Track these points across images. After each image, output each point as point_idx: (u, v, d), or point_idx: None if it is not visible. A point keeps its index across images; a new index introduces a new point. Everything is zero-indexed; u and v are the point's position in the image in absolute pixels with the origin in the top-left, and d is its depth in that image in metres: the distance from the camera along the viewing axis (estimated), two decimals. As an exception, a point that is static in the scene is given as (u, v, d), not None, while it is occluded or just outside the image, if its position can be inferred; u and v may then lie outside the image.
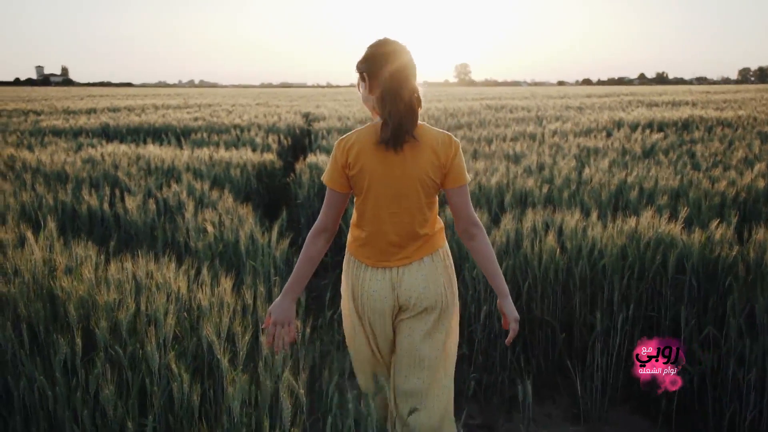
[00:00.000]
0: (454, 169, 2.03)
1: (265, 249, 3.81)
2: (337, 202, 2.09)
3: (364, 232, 2.11)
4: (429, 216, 2.10)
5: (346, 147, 2.03)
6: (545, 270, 3.47)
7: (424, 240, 2.10)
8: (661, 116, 10.57)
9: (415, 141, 1.99)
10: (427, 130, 2.04)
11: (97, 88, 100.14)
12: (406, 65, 2.01)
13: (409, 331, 2.14)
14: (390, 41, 2.06)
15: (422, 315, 2.13)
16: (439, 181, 2.04)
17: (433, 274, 2.11)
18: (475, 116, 12.19)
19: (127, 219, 4.15)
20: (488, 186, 5.02)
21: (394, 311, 2.14)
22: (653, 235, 3.43)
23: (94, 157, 6.02)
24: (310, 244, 2.12)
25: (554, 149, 7.05)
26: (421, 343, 2.14)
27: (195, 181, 5.14)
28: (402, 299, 2.10)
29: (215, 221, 4.08)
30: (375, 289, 2.11)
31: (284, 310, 2.09)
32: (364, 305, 2.14)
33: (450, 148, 2.02)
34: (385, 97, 1.97)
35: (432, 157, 2.00)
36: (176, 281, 2.61)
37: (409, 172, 2.00)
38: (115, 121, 10.74)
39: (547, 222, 3.97)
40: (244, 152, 6.77)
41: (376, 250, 2.10)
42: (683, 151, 6.80)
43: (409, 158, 2.00)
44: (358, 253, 2.15)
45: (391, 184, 2.01)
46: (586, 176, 5.29)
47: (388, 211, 2.04)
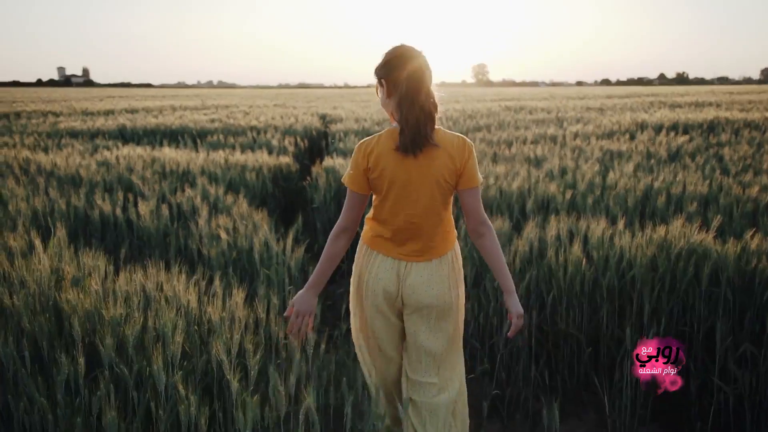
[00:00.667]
0: (467, 172, 2.12)
1: (280, 257, 3.70)
2: (358, 203, 2.20)
3: (380, 226, 2.21)
4: (444, 216, 2.19)
5: (367, 151, 2.12)
6: (571, 281, 3.32)
7: (437, 240, 2.19)
8: (685, 118, 10.32)
9: (433, 146, 2.08)
10: (442, 133, 2.13)
11: (117, 88, 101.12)
12: (421, 70, 2.07)
13: (414, 327, 2.25)
14: (406, 47, 2.12)
15: (423, 312, 2.22)
16: (454, 183, 2.13)
17: (438, 276, 2.19)
18: (494, 118, 12.02)
19: (139, 225, 4.06)
20: (509, 191, 4.88)
21: (397, 302, 2.23)
22: (685, 245, 3.27)
23: (109, 160, 5.95)
24: (331, 243, 2.24)
25: (576, 152, 6.87)
26: (425, 340, 2.25)
27: (210, 186, 5.05)
28: (405, 294, 2.20)
29: (229, 227, 3.98)
30: (381, 276, 2.20)
31: (306, 303, 2.23)
32: (368, 292, 2.24)
33: (464, 151, 2.12)
34: (402, 103, 2.05)
35: (447, 160, 2.09)
36: (186, 293, 2.50)
37: (427, 175, 2.09)
38: (133, 123, 10.72)
39: (571, 230, 3.82)
40: (260, 155, 6.68)
41: (390, 244, 2.20)
42: (710, 154, 6.59)
43: (427, 162, 2.08)
44: (372, 243, 2.24)
45: (409, 186, 2.10)
46: (610, 181, 5.12)
47: (404, 211, 2.14)
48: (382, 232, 2.21)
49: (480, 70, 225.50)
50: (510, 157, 6.73)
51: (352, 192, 2.19)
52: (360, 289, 2.30)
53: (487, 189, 4.91)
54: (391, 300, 2.23)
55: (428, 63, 2.12)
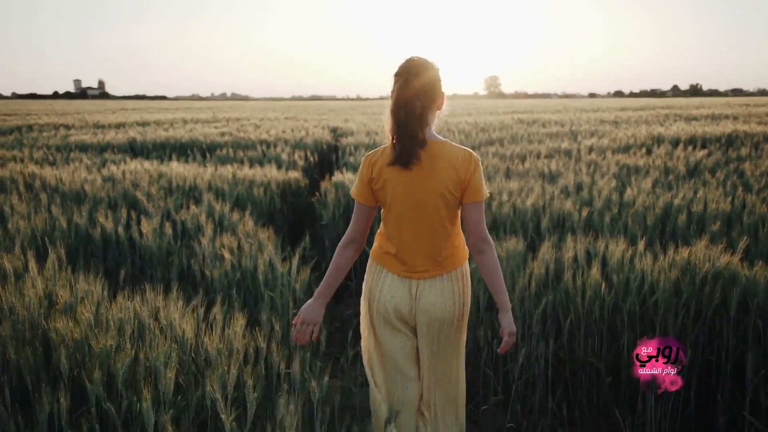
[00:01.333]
0: (472, 185, 2.11)
1: (285, 278, 3.56)
2: (365, 214, 2.23)
3: (389, 241, 2.21)
4: (450, 230, 2.18)
5: (371, 162, 2.16)
6: (589, 306, 3.15)
7: (446, 255, 2.19)
8: (702, 131, 10.11)
9: (430, 156, 2.08)
10: (449, 146, 2.13)
11: (131, 101, 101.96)
12: (419, 84, 2.07)
13: (427, 350, 2.26)
14: (412, 61, 2.12)
15: (435, 332, 2.22)
16: (459, 196, 2.13)
17: (450, 292, 2.19)
18: (506, 131, 11.86)
19: (142, 244, 3.94)
20: (523, 208, 4.72)
21: (411, 321, 2.23)
22: (710, 268, 3.09)
23: (115, 175, 5.86)
24: (338, 253, 2.27)
25: (592, 167, 6.70)
26: (436, 360, 2.27)
27: (216, 202, 4.93)
28: (418, 314, 2.20)
29: (233, 247, 3.85)
30: (393, 295, 2.21)
31: (313, 312, 2.27)
32: (380, 309, 2.23)
33: (470, 165, 2.10)
34: (393, 116, 2.09)
35: (452, 172, 2.08)
36: (183, 321, 2.36)
37: (430, 187, 2.09)
38: (143, 136, 10.67)
39: (588, 251, 3.66)
40: (269, 170, 6.56)
41: (399, 260, 2.19)
42: (731, 169, 6.40)
43: (430, 173, 2.09)
44: (381, 260, 2.24)
45: (412, 197, 2.11)
46: (628, 198, 4.95)
47: (410, 223, 2.15)
48: (389, 248, 2.21)
49: (492, 82, 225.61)
50: (523, 173, 6.57)
51: (358, 203, 2.23)
52: (371, 307, 2.28)
53: (500, 206, 4.76)
54: (403, 318, 2.23)
55: (433, 75, 2.12)
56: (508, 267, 3.45)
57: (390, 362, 2.30)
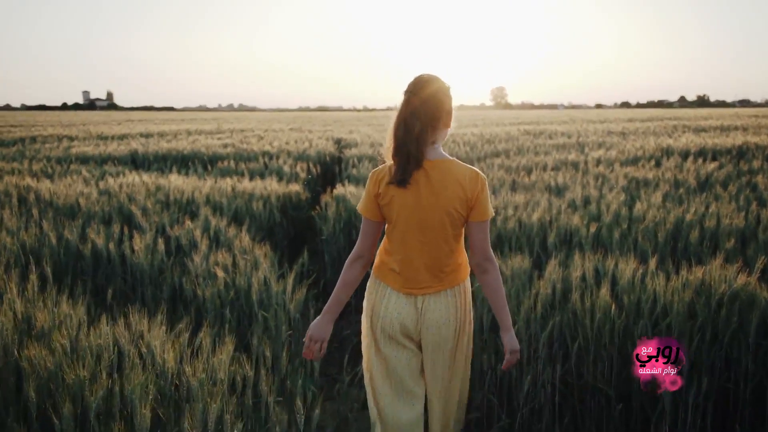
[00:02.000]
0: (479, 204, 2.12)
1: (279, 298, 3.42)
2: (372, 230, 2.23)
3: (393, 258, 2.20)
4: (455, 247, 2.18)
5: (378, 177, 2.17)
6: (598, 329, 2.99)
7: (449, 271, 2.18)
8: (712, 143, 9.94)
9: (437, 174, 2.09)
10: (456, 165, 2.13)
11: (139, 112, 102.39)
12: (418, 103, 2.07)
13: (432, 366, 2.23)
14: (419, 78, 2.13)
15: (440, 348, 2.21)
16: (465, 215, 2.13)
17: (454, 307, 2.19)
18: (512, 143, 11.71)
19: (133, 261, 3.81)
20: (529, 223, 4.56)
21: (416, 337, 2.21)
22: (726, 289, 2.93)
23: (112, 188, 5.73)
24: (346, 269, 2.26)
25: (600, 180, 6.54)
26: (442, 375, 2.25)
27: (213, 216, 4.80)
28: (423, 329, 2.19)
29: (228, 264, 3.71)
30: (399, 312, 2.19)
31: (321, 329, 2.24)
32: (385, 327, 2.21)
33: (477, 184, 2.11)
34: (393, 136, 2.11)
35: (459, 191, 2.08)
36: (167, 348, 2.22)
37: (436, 205, 2.09)
38: (145, 148, 10.57)
39: (597, 269, 3.50)
40: (269, 183, 6.43)
41: (403, 277, 2.18)
42: (743, 183, 6.22)
43: (437, 191, 2.09)
44: (385, 277, 2.23)
45: (418, 214, 2.11)
46: (637, 212, 4.79)
47: (415, 239, 2.14)
48: (393, 264, 2.20)
49: (499, 92, 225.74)
50: (529, 185, 6.41)
51: (365, 219, 2.23)
52: (375, 325, 2.25)
53: (505, 221, 4.61)
54: (408, 334, 2.21)
55: (437, 92, 2.11)
56: (513, 286, 3.30)
57: (396, 380, 2.25)
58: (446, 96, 2.14)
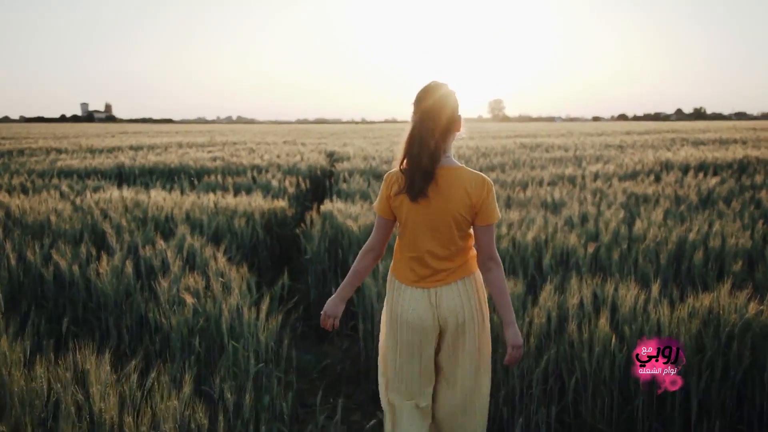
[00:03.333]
0: (484, 209, 2.20)
1: (252, 327, 3.15)
2: (384, 226, 2.35)
3: (404, 255, 2.31)
4: (462, 246, 2.26)
5: (391, 180, 2.27)
6: (598, 363, 2.73)
7: (457, 265, 2.26)
8: (712, 157, 9.72)
9: (446, 181, 2.17)
10: (464, 171, 2.22)
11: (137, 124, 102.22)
12: (434, 124, 2.16)
13: (450, 352, 2.30)
14: (430, 91, 2.22)
15: (459, 335, 2.27)
16: (471, 219, 2.22)
17: (467, 295, 2.26)
18: (508, 156, 11.48)
19: (97, 285, 3.54)
20: (524, 243, 4.31)
21: (435, 331, 2.28)
22: (737, 319, 2.68)
23: (87, 204, 5.47)
24: (358, 260, 2.41)
25: (598, 196, 6.29)
26: (459, 363, 2.30)
27: (191, 235, 4.54)
28: (441, 319, 2.26)
29: (200, 288, 3.45)
30: (414, 308, 2.27)
31: (334, 307, 2.40)
32: (402, 324, 2.29)
33: (483, 190, 2.19)
34: (407, 150, 2.20)
35: (465, 196, 2.17)
36: (108, 394, 1.95)
37: (444, 209, 2.19)
38: (132, 161, 10.32)
39: (596, 294, 3.25)
40: (254, 198, 6.17)
41: (415, 272, 2.28)
42: (746, 198, 5.98)
43: (445, 197, 2.18)
44: (398, 274, 2.34)
45: (426, 217, 2.21)
46: (637, 231, 4.54)
47: (424, 238, 2.24)
48: (406, 262, 2.30)
49: (496, 105, 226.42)
50: (525, 201, 6.17)
51: (378, 216, 2.35)
52: (394, 323, 2.34)
53: (499, 239, 4.36)
54: (430, 328, 2.27)
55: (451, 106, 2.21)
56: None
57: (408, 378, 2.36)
58: (456, 104, 2.23)
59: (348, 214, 5.23)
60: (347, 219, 5.01)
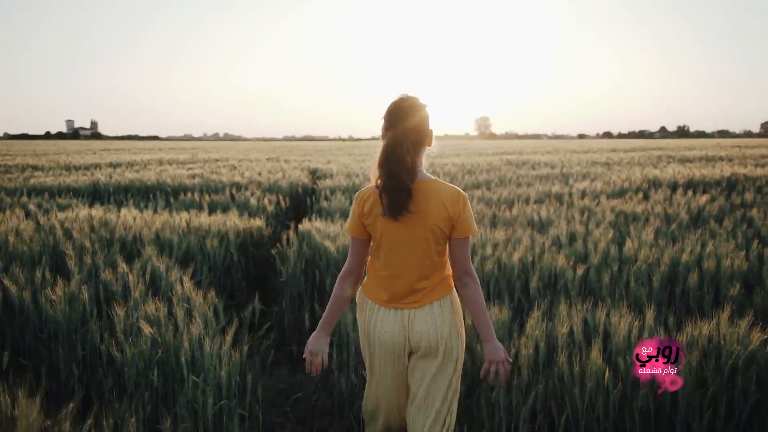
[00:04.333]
0: (461, 222, 2.17)
1: (215, 358, 2.89)
2: (359, 248, 2.29)
3: (378, 274, 2.24)
4: (438, 262, 2.21)
5: (363, 198, 2.22)
6: (590, 399, 2.50)
7: (433, 285, 2.21)
8: (699, 174, 9.59)
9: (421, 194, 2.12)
10: (438, 184, 2.18)
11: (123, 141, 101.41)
12: (408, 141, 2.10)
13: (420, 373, 2.22)
14: (401, 106, 2.16)
15: (430, 358, 2.20)
16: (448, 232, 2.18)
17: (441, 319, 2.20)
18: (494, 173, 11.31)
19: (49, 313, 3.26)
20: (510, 264, 4.08)
21: (406, 351, 2.23)
22: (741, 351, 2.46)
23: (50, 224, 5.19)
24: (336, 287, 2.33)
25: (585, 214, 6.10)
26: (429, 385, 2.21)
27: (159, 257, 4.27)
28: (413, 342, 2.20)
29: (161, 316, 3.19)
30: (386, 330, 2.22)
31: (318, 344, 2.31)
32: (375, 345, 2.25)
33: (458, 203, 2.16)
34: (382, 169, 2.11)
35: (441, 210, 2.13)
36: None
37: (421, 223, 2.14)
38: (109, 179, 10.03)
39: (587, 320, 3.03)
40: (230, 217, 5.91)
41: (389, 293, 2.21)
42: (738, 217, 5.82)
43: (422, 210, 2.12)
44: (371, 294, 2.27)
45: (402, 233, 2.16)
46: (628, 251, 4.34)
47: (399, 256, 2.18)
48: (379, 281, 2.24)
49: (483, 122, 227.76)
50: (511, 220, 5.96)
51: (352, 238, 2.28)
52: (365, 344, 2.31)
53: (483, 261, 4.13)
54: (401, 350, 2.22)
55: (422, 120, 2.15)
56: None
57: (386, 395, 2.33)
58: (427, 119, 2.18)
59: (326, 234, 4.99)
60: (325, 239, 4.76)
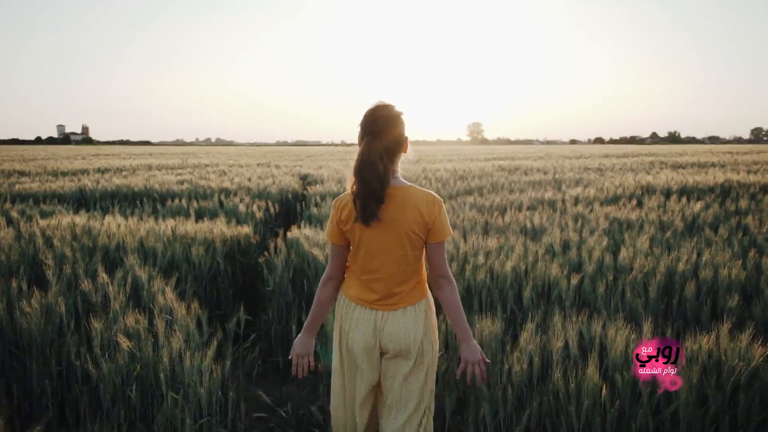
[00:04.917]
0: (437, 226, 2.21)
1: (195, 373, 2.77)
2: (339, 253, 2.33)
3: (356, 277, 2.29)
4: (415, 266, 2.26)
5: (340, 206, 2.26)
6: (587, 418, 2.39)
7: (409, 289, 2.25)
8: (693, 180, 9.52)
9: (397, 200, 2.16)
10: (414, 190, 2.22)
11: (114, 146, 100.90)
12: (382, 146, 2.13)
13: (392, 374, 2.27)
14: (376, 114, 2.18)
15: (400, 359, 2.25)
16: (424, 237, 2.22)
17: (414, 324, 2.23)
18: (486, 179, 11.21)
19: (23, 326, 3.13)
20: (502, 273, 3.98)
21: (377, 353, 2.26)
22: (743, 367, 2.36)
23: (30, 232, 5.05)
24: (319, 290, 2.38)
25: (579, 221, 6.01)
26: (401, 386, 2.25)
27: (142, 266, 4.14)
28: (383, 343, 2.24)
29: (141, 329, 3.06)
30: (360, 329, 2.25)
31: (304, 345, 2.38)
32: (348, 342, 2.27)
33: (434, 208, 2.20)
34: (357, 176, 2.13)
35: (417, 215, 2.18)
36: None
37: (396, 229, 2.18)
38: (95, 185, 9.87)
39: (582, 333, 2.93)
40: (217, 224, 5.78)
41: (366, 294, 2.25)
42: (733, 224, 5.74)
43: (396, 217, 2.17)
44: (349, 294, 2.31)
45: (379, 239, 2.19)
46: (623, 260, 4.24)
47: (376, 261, 2.22)
48: (357, 283, 2.28)
49: (475, 128, 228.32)
50: (503, 227, 5.86)
51: (332, 243, 2.32)
52: (340, 341, 2.32)
53: (475, 270, 4.03)
54: (372, 349, 2.25)
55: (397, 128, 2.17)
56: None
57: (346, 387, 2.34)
58: (402, 126, 2.20)
59: (315, 242, 4.87)
60: (313, 247, 4.64)
